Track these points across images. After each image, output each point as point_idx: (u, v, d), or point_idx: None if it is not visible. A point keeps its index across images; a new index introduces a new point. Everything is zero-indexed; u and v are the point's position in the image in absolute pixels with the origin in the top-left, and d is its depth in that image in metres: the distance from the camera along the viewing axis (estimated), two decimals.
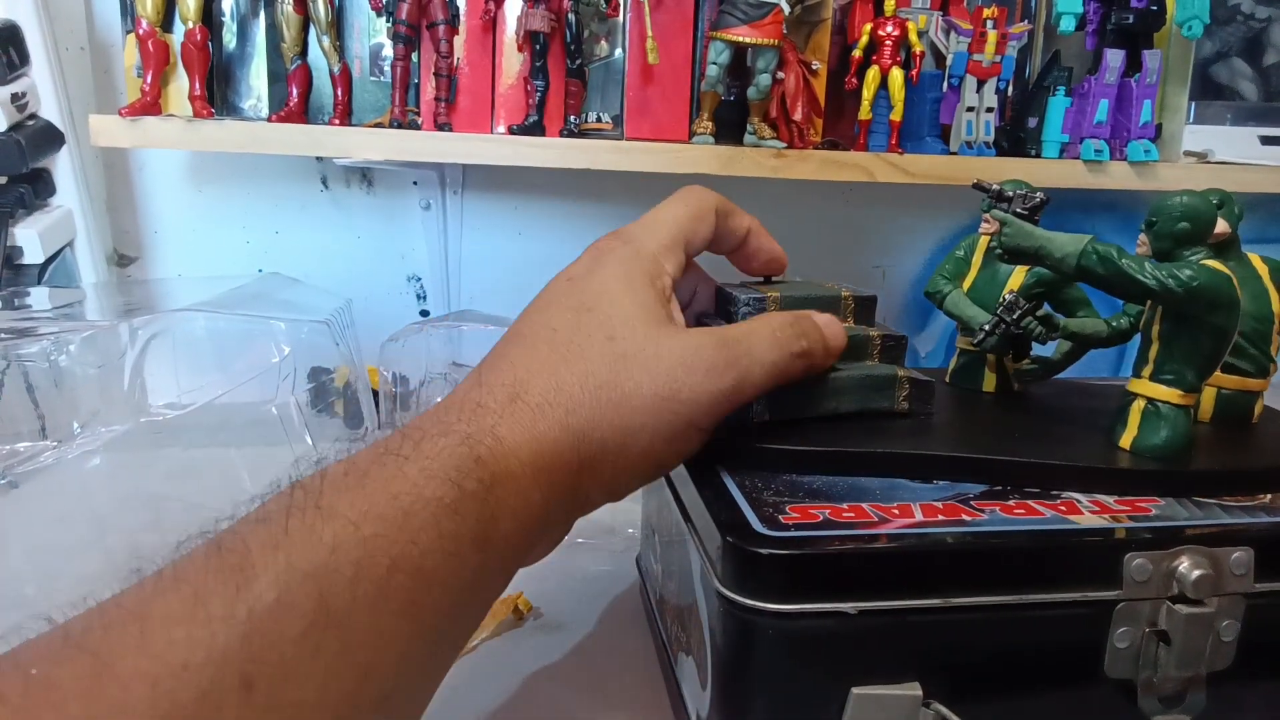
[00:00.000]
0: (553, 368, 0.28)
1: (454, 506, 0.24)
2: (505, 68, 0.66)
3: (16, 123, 0.65)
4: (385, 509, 0.23)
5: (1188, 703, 0.30)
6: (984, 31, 0.67)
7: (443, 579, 0.23)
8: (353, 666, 0.21)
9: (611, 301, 0.29)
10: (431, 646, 0.23)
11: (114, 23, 0.72)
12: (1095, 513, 0.30)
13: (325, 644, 0.20)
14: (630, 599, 0.44)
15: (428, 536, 0.23)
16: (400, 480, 0.24)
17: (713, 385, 0.29)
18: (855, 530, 0.28)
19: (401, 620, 0.22)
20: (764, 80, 0.65)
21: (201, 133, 0.63)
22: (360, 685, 0.21)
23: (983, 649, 0.28)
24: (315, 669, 0.20)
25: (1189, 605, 0.28)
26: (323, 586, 0.21)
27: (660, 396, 0.28)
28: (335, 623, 0.20)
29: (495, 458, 0.25)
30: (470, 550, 0.24)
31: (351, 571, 0.21)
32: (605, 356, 0.28)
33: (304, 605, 0.20)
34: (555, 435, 0.27)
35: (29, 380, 0.49)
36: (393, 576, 0.22)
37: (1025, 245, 0.33)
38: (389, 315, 0.79)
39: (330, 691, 0.20)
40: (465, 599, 0.24)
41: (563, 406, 0.27)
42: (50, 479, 0.47)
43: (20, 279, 0.66)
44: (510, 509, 0.25)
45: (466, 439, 0.25)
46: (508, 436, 0.26)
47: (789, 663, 0.27)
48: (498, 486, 0.25)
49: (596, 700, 0.36)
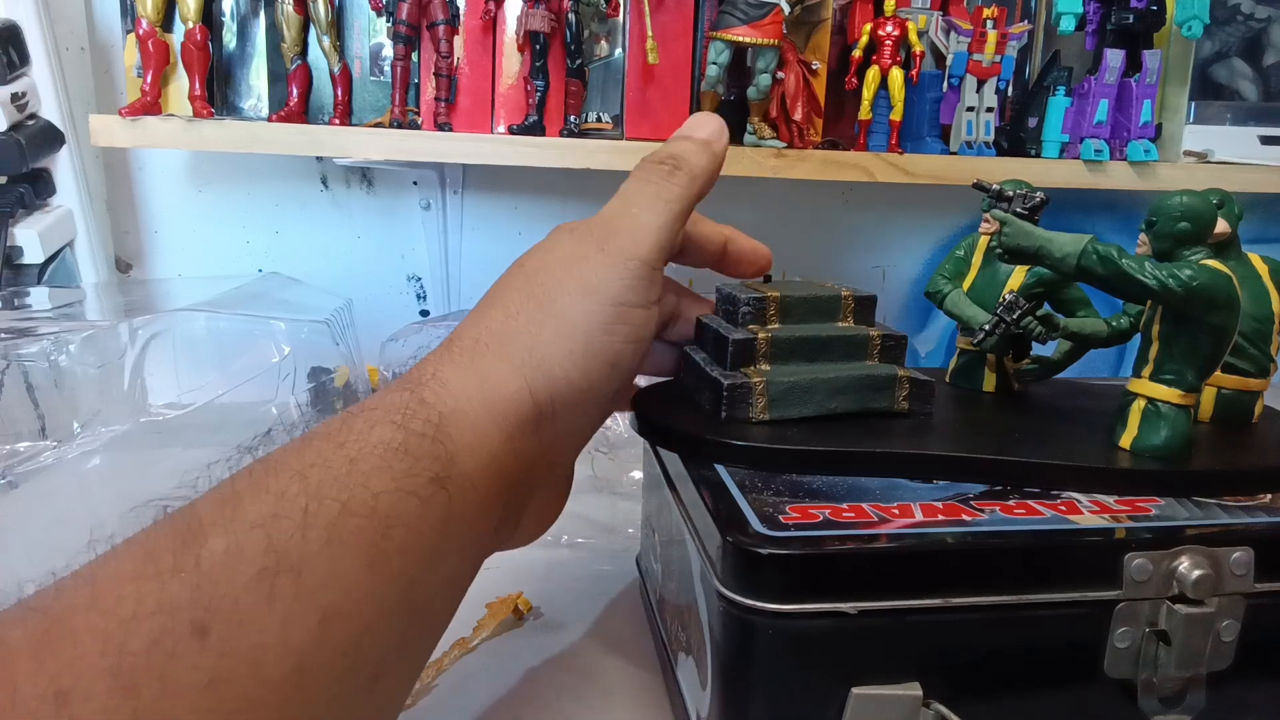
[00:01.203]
0: (479, 314, 0.29)
1: (403, 448, 0.24)
2: (505, 68, 0.66)
3: (17, 122, 0.65)
4: (331, 456, 0.23)
5: (1188, 703, 0.30)
6: (984, 31, 0.67)
7: (403, 520, 0.23)
8: (312, 609, 0.21)
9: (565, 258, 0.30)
10: (401, 591, 0.23)
11: (114, 23, 0.72)
12: (1095, 513, 0.30)
13: (280, 588, 0.20)
14: (630, 599, 0.44)
15: (380, 479, 0.23)
16: (346, 431, 0.24)
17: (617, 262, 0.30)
18: (855, 530, 0.28)
19: (361, 562, 0.22)
20: (764, 80, 0.65)
21: (201, 133, 0.63)
22: (323, 628, 0.21)
23: (983, 649, 0.28)
24: (272, 613, 0.20)
25: (1189, 605, 0.28)
26: (271, 533, 0.21)
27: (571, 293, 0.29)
28: (288, 567, 0.21)
29: (440, 398, 0.26)
30: (430, 489, 0.24)
31: (300, 517, 0.21)
32: (525, 288, 0.29)
33: (252, 552, 0.20)
34: (499, 370, 0.27)
35: (29, 380, 0.49)
36: (346, 519, 0.22)
37: (1025, 245, 0.33)
38: (389, 315, 0.79)
39: (291, 634, 0.20)
40: (435, 542, 0.24)
41: (495, 338, 0.28)
42: (50, 479, 0.47)
43: (20, 279, 0.66)
44: (467, 445, 0.25)
45: (409, 383, 0.26)
46: (451, 377, 0.27)
47: (789, 662, 0.27)
48: (447, 424, 0.25)
49: (596, 700, 0.36)
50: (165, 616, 0.19)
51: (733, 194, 0.79)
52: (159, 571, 0.20)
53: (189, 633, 0.19)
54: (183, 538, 0.21)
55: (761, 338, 0.35)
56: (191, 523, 0.21)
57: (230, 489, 0.22)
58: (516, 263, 0.31)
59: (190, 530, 0.21)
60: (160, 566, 0.20)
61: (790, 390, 0.34)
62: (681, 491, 0.34)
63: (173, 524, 0.21)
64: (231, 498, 0.22)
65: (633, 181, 0.32)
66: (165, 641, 0.19)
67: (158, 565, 0.20)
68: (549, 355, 0.28)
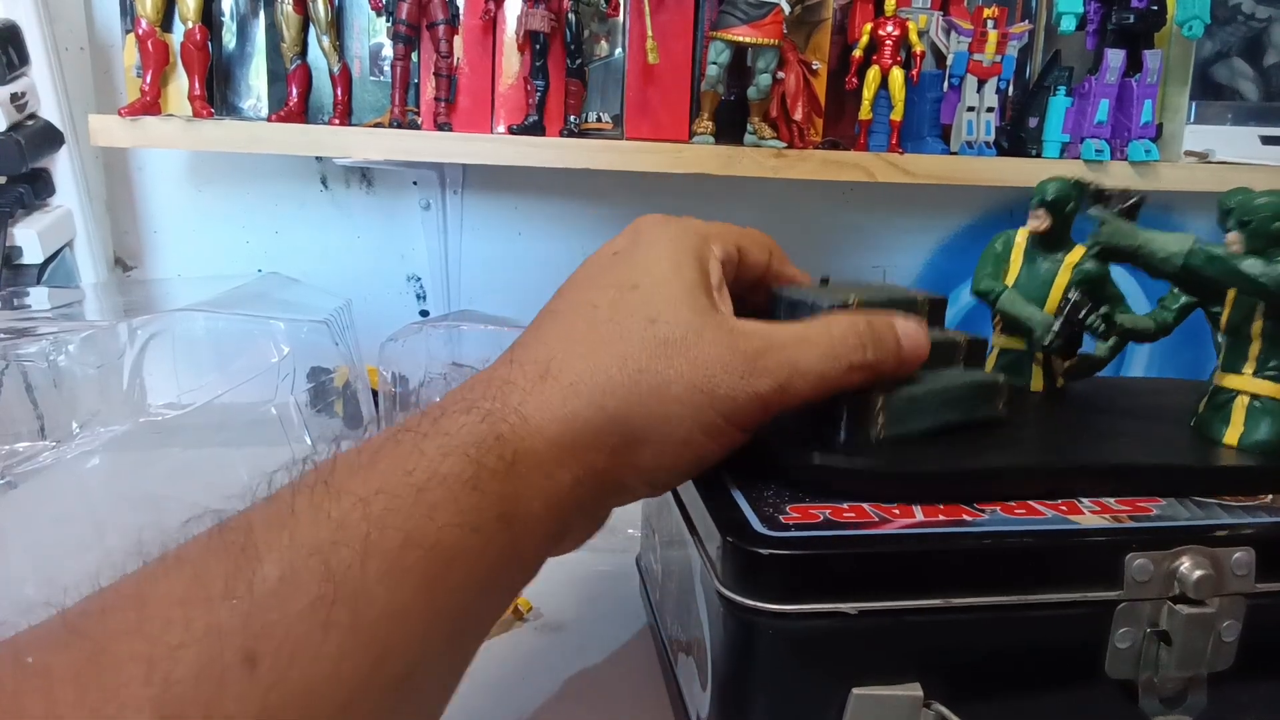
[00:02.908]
0: (590, 348, 0.26)
1: (472, 482, 0.23)
2: (505, 67, 0.66)
3: (16, 122, 0.65)
4: (397, 485, 0.22)
5: (1188, 703, 0.30)
6: (984, 31, 0.67)
7: (464, 556, 0.22)
8: (368, 644, 0.20)
9: (656, 281, 0.28)
10: (454, 625, 0.22)
11: (113, 23, 0.72)
12: (1096, 513, 0.30)
13: (335, 620, 0.19)
14: (630, 599, 0.44)
15: (445, 513, 0.22)
16: (415, 457, 0.23)
17: (749, 388, 0.27)
18: (856, 530, 0.28)
19: (419, 596, 0.21)
20: (764, 80, 0.65)
21: (201, 132, 0.63)
22: (377, 664, 0.20)
23: (983, 649, 0.28)
24: (326, 646, 0.19)
25: (1190, 605, 0.28)
26: (329, 562, 0.20)
27: (698, 389, 0.26)
28: (344, 598, 0.20)
29: (518, 435, 0.24)
30: (495, 527, 0.23)
31: (360, 547, 0.20)
32: (646, 340, 0.26)
33: (309, 581, 0.20)
34: (587, 416, 0.25)
35: (28, 380, 0.49)
36: (407, 552, 0.21)
37: (1125, 244, 0.33)
38: (388, 315, 0.79)
39: (343, 669, 0.19)
40: (490, 578, 0.23)
41: (598, 388, 0.26)
42: (49, 479, 0.47)
43: (19, 279, 0.66)
44: (537, 488, 0.24)
45: (488, 415, 0.24)
46: (534, 415, 0.25)
47: (789, 663, 0.27)
48: (520, 464, 0.24)
49: (596, 700, 0.36)
50: (214, 644, 0.18)
51: (733, 194, 0.79)
52: (209, 596, 0.19)
53: (238, 662, 0.18)
54: (235, 560, 0.20)
55: None
56: (245, 544, 0.20)
57: (288, 508, 0.21)
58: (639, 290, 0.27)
59: (244, 552, 0.20)
60: (210, 591, 0.19)
61: (909, 405, 0.31)
62: (681, 492, 0.33)
63: (225, 543, 0.20)
64: (289, 519, 0.21)
65: (827, 338, 0.29)
66: (213, 671, 0.18)
67: (208, 589, 0.19)
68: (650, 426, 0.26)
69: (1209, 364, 0.37)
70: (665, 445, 0.26)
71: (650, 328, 0.27)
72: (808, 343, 0.28)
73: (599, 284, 0.28)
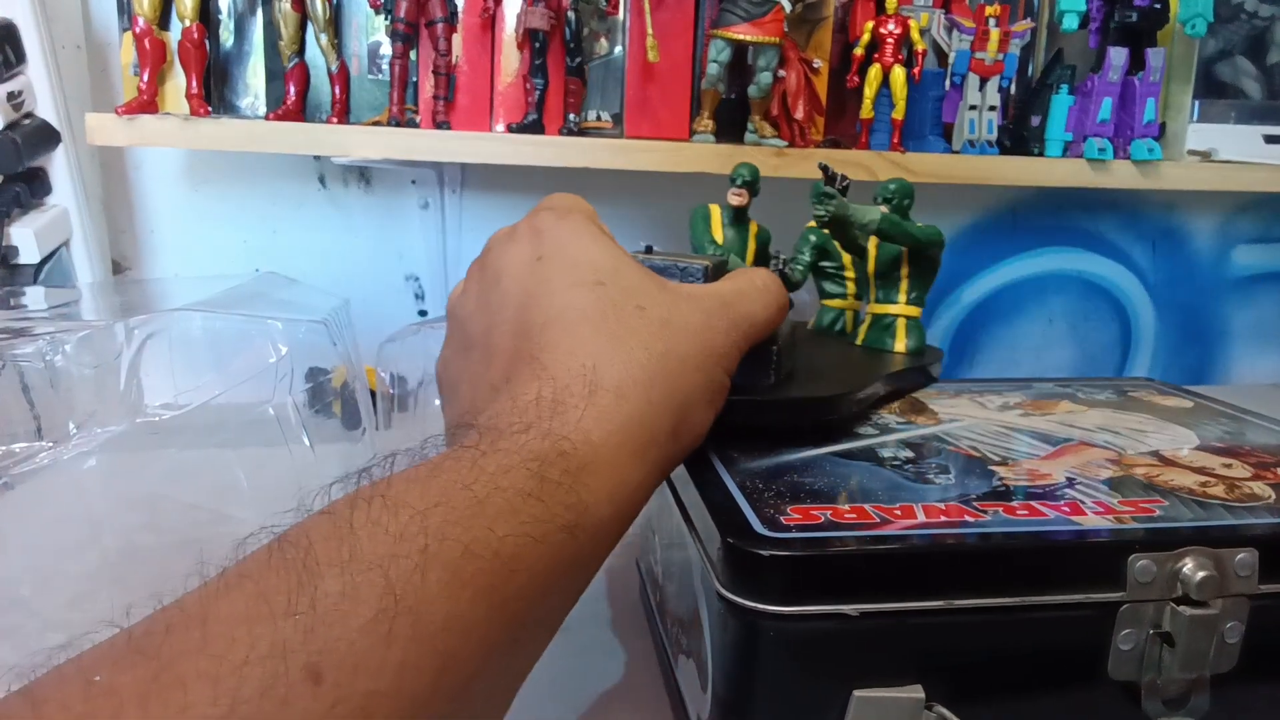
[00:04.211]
0: (613, 349, 0.28)
1: (536, 494, 0.23)
2: (504, 66, 0.66)
3: (12, 121, 0.65)
4: (457, 499, 0.22)
5: (1191, 705, 0.30)
6: (986, 29, 0.67)
7: (528, 564, 0.22)
8: (430, 654, 0.20)
9: (614, 270, 0.30)
10: (516, 634, 0.23)
11: (111, 21, 0.71)
12: (1099, 514, 0.30)
13: (397, 632, 0.19)
14: (630, 600, 0.44)
15: (506, 524, 0.22)
16: (475, 472, 0.23)
17: (731, 340, 0.31)
18: (857, 531, 0.28)
19: (481, 606, 0.21)
20: (765, 78, 0.64)
21: (198, 131, 0.63)
22: (440, 673, 0.20)
23: (985, 651, 0.28)
24: (389, 658, 0.19)
25: (1193, 607, 0.28)
26: (390, 575, 0.20)
27: (706, 353, 0.29)
28: (406, 610, 0.20)
29: (582, 451, 0.25)
30: (559, 535, 0.23)
31: (420, 559, 0.21)
32: (650, 326, 0.29)
33: (369, 595, 0.20)
34: (642, 414, 0.27)
35: (24, 381, 0.49)
36: (468, 562, 0.21)
37: (846, 215, 0.44)
38: (387, 315, 0.78)
39: (406, 680, 0.19)
40: (554, 585, 0.24)
41: (640, 384, 0.27)
42: (46, 480, 0.46)
43: (16, 278, 0.66)
44: (605, 494, 0.25)
45: (548, 434, 0.25)
46: (594, 429, 0.26)
47: (790, 665, 0.27)
48: (586, 475, 0.25)
49: (596, 702, 0.36)
50: (278, 661, 0.18)
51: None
52: (272, 614, 0.19)
53: (302, 678, 0.18)
54: (297, 577, 0.20)
55: None
56: (306, 560, 0.20)
57: (346, 523, 0.21)
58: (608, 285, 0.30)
59: (305, 569, 0.20)
60: (273, 608, 0.19)
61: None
62: (682, 493, 0.33)
63: (285, 560, 0.20)
64: (348, 535, 0.21)
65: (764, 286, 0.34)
66: (278, 688, 0.18)
67: (270, 607, 0.19)
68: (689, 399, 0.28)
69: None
70: (700, 412, 0.29)
71: (643, 314, 0.29)
72: (751, 296, 0.33)
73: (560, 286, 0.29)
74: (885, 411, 0.42)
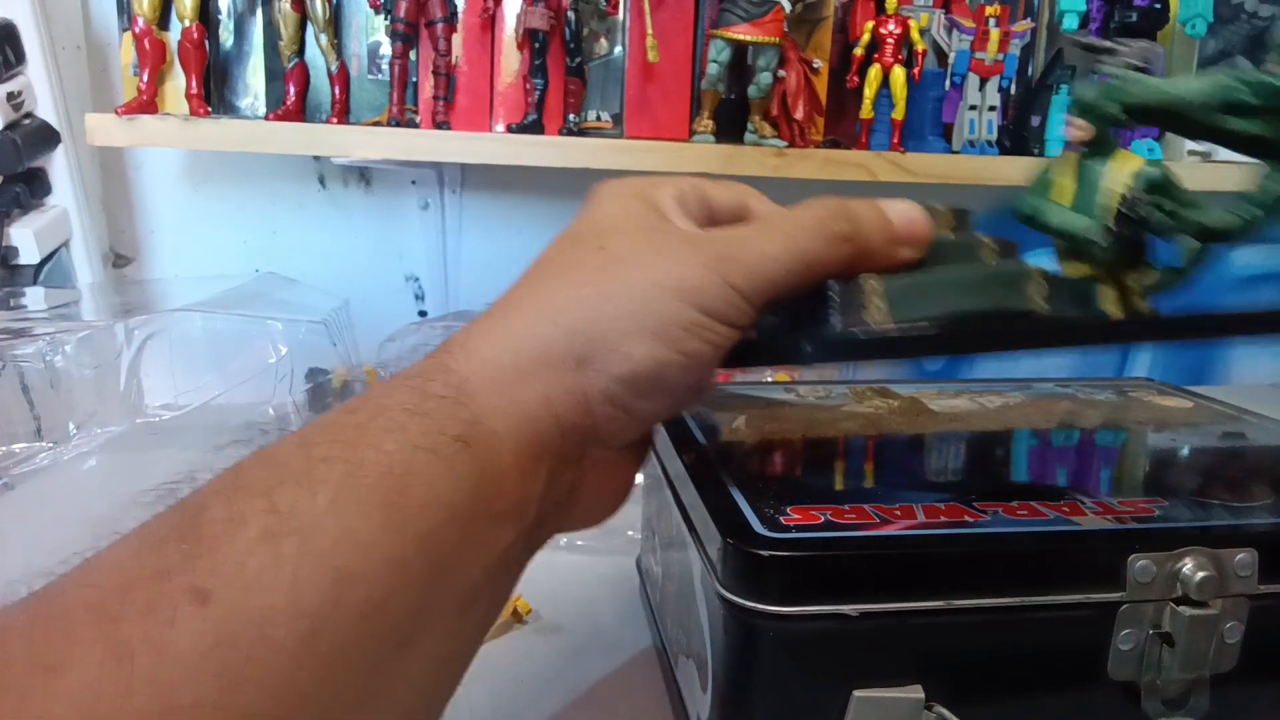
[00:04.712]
0: (540, 283, 0.26)
1: (418, 409, 0.23)
2: (504, 66, 0.66)
3: (12, 121, 0.65)
4: (341, 422, 0.22)
5: (1191, 705, 0.30)
6: (986, 29, 0.67)
7: (423, 478, 0.22)
8: (324, 569, 0.20)
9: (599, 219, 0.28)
10: (429, 555, 0.22)
11: (110, 21, 0.72)
12: (1098, 514, 0.30)
13: (286, 550, 0.20)
14: (630, 601, 0.44)
15: (392, 440, 0.22)
16: (360, 400, 0.23)
17: (718, 277, 0.26)
18: (856, 532, 0.28)
19: (376, 521, 0.21)
20: (765, 78, 0.64)
21: (198, 131, 0.63)
22: (338, 588, 0.20)
23: (985, 651, 0.28)
24: (280, 574, 0.19)
25: (1193, 607, 0.28)
26: (273, 499, 0.20)
27: (661, 285, 0.25)
28: (294, 529, 0.20)
29: (464, 362, 0.24)
30: (451, 447, 0.22)
31: (305, 482, 0.21)
32: (594, 264, 0.26)
33: (253, 517, 0.20)
34: (540, 332, 0.25)
35: (24, 381, 0.49)
36: (356, 478, 0.21)
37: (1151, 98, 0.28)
38: (387, 315, 0.78)
39: (302, 595, 0.19)
40: (463, 503, 0.23)
41: (548, 306, 0.25)
42: (46, 480, 0.46)
43: (16, 279, 0.66)
44: (494, 407, 0.24)
45: (439, 353, 0.25)
46: (481, 343, 0.25)
47: (790, 665, 0.27)
48: (470, 386, 0.24)
49: (596, 702, 0.36)
50: (161, 582, 0.18)
51: None
52: (157, 541, 0.19)
53: (188, 599, 0.18)
54: (183, 510, 0.20)
55: None
56: (194, 497, 0.21)
57: (235, 466, 0.22)
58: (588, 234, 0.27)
59: (191, 503, 0.20)
60: (159, 537, 0.19)
61: (910, 289, 0.28)
62: (682, 493, 0.33)
63: (178, 503, 0.21)
64: (234, 471, 0.21)
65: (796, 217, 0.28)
66: (161, 608, 0.18)
67: (156, 536, 0.20)
68: (612, 328, 0.25)
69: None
70: (638, 345, 0.25)
71: (600, 253, 0.26)
72: (774, 227, 0.28)
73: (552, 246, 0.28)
74: (884, 411, 0.42)
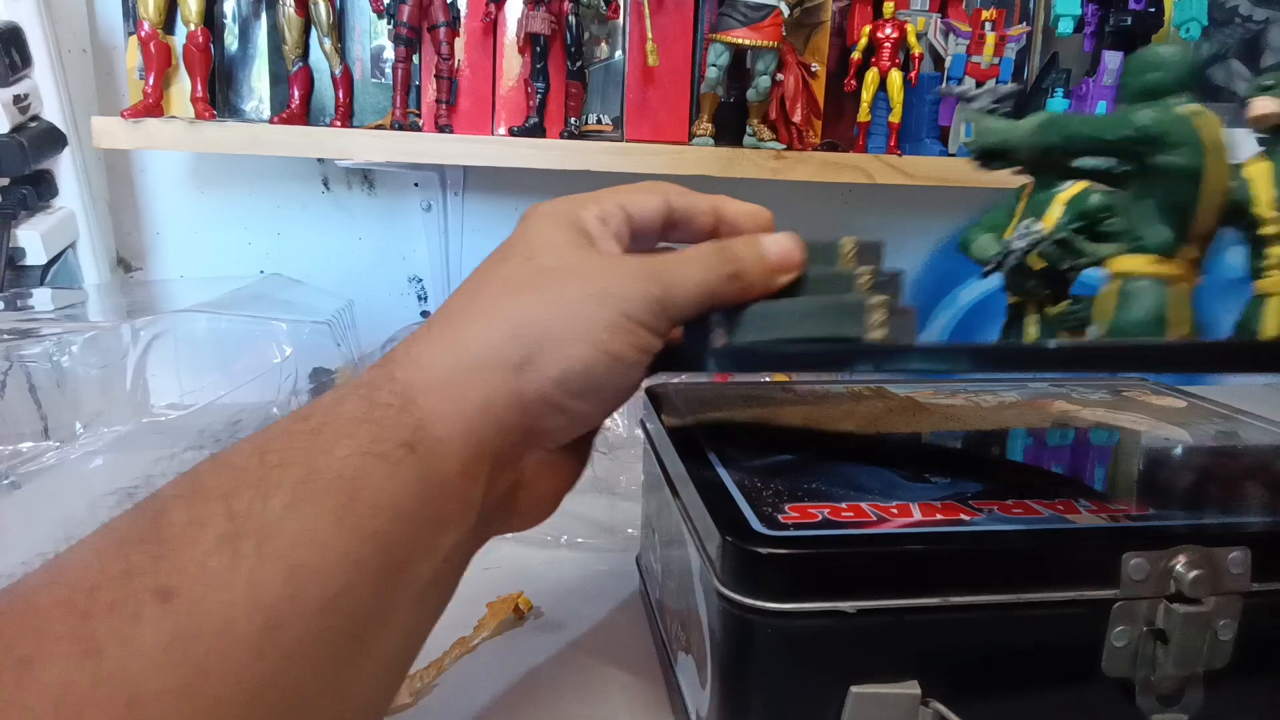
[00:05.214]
0: (477, 295, 0.28)
1: (367, 418, 0.24)
2: (506, 70, 0.66)
3: (19, 124, 0.65)
4: (293, 429, 0.24)
5: (1185, 701, 0.30)
6: (982, 33, 0.67)
7: (372, 481, 0.23)
8: (280, 567, 0.21)
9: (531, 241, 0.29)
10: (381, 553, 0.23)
11: (116, 25, 0.72)
12: (1093, 512, 0.30)
13: (244, 550, 0.21)
14: (630, 599, 0.44)
15: (344, 447, 0.23)
16: (311, 409, 0.25)
17: (642, 290, 0.28)
18: (854, 529, 0.28)
19: (328, 521, 0.22)
20: (763, 82, 0.65)
21: (203, 134, 0.63)
22: (294, 584, 0.21)
23: (981, 648, 0.28)
24: (237, 575, 0.20)
25: (1186, 604, 0.28)
26: (230, 504, 0.21)
27: (591, 294, 0.28)
28: (250, 531, 0.21)
29: (411, 372, 0.26)
30: (398, 452, 0.24)
31: (260, 487, 0.22)
32: (528, 271, 0.28)
33: (212, 520, 0.21)
34: (481, 339, 0.27)
35: (31, 381, 0.49)
36: (309, 483, 0.22)
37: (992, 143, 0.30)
38: (390, 316, 0.79)
39: (260, 592, 0.20)
40: (410, 505, 0.24)
41: (486, 315, 0.27)
42: (53, 479, 0.47)
43: (23, 280, 0.66)
44: (437, 412, 0.25)
45: (385, 364, 0.26)
46: (425, 352, 0.26)
47: (788, 662, 0.27)
48: (414, 393, 0.25)
49: (596, 700, 0.36)
50: (127, 581, 0.20)
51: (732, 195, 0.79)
52: (121, 543, 0.20)
53: (152, 597, 0.19)
54: (144, 514, 0.21)
55: None
56: (153, 501, 0.22)
57: (192, 471, 0.23)
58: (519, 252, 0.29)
59: (151, 507, 0.22)
60: (122, 539, 0.21)
61: (750, 316, 0.32)
62: (681, 492, 0.34)
63: (138, 507, 0.22)
64: (191, 476, 0.23)
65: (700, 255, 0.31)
66: (127, 605, 0.19)
67: (119, 538, 0.21)
68: (547, 332, 0.27)
69: None
70: (571, 347, 0.27)
71: (529, 263, 0.28)
72: (686, 258, 0.31)
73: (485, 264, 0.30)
74: (881, 411, 0.42)
